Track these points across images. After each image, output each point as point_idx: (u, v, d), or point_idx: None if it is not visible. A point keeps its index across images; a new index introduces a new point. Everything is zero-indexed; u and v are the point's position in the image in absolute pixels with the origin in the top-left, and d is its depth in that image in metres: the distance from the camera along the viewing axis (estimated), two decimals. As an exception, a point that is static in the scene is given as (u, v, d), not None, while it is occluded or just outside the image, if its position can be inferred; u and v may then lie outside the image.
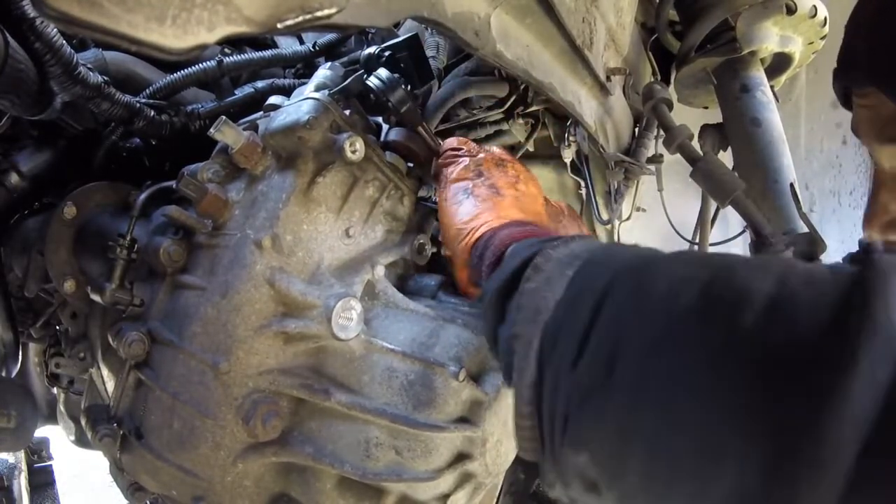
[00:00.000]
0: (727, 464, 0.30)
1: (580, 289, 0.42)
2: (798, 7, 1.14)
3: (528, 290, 0.45)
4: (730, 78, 1.23)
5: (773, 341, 0.30)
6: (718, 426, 0.30)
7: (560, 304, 0.42)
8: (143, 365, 0.65)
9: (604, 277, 0.41)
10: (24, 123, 0.92)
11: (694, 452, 0.31)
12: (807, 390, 0.28)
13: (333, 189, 0.62)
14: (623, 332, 0.37)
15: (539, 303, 0.43)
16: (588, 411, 0.38)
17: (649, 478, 0.34)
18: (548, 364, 0.41)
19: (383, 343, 0.59)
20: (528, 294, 0.45)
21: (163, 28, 0.32)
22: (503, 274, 0.49)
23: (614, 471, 0.37)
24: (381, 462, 0.58)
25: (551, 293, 0.43)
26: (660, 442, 0.33)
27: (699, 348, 0.33)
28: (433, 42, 0.92)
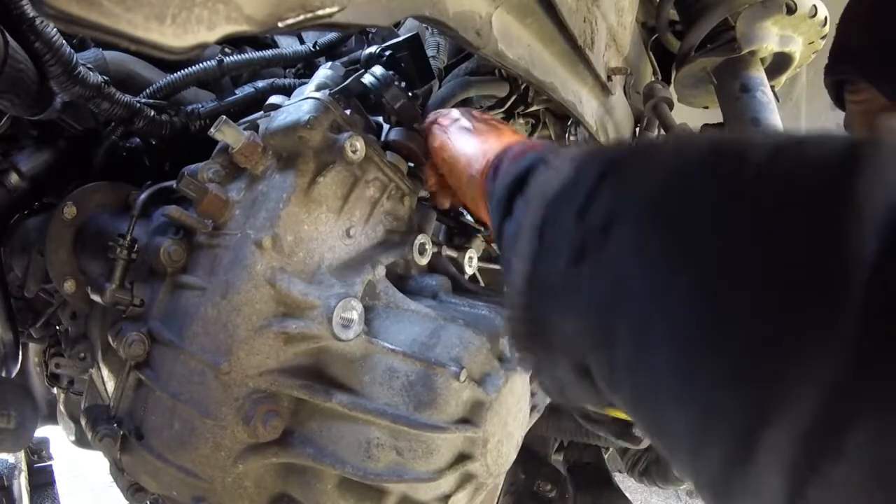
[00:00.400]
0: (734, 312, 0.26)
1: (583, 168, 0.40)
2: (798, 7, 1.14)
3: (536, 181, 0.44)
4: (730, 78, 1.23)
5: (779, 180, 0.27)
6: (722, 276, 0.27)
7: (562, 183, 0.40)
8: (144, 365, 0.65)
9: (608, 156, 0.40)
10: (24, 123, 0.92)
11: (695, 303, 0.28)
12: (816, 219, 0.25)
13: (334, 189, 0.62)
14: (623, 197, 0.35)
15: (545, 188, 0.42)
16: (581, 273, 0.36)
17: (640, 340, 0.31)
18: (547, 232, 0.40)
19: (384, 343, 0.59)
20: (535, 185, 0.44)
21: (163, 27, 0.32)
22: (513, 172, 0.49)
23: (603, 337, 0.34)
24: (381, 462, 0.57)
25: (557, 179, 0.41)
26: (657, 297, 0.30)
27: (701, 198, 0.30)
28: (433, 42, 0.92)
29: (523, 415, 0.70)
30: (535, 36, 0.71)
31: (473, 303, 0.71)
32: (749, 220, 0.28)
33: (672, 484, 1.61)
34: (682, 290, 0.29)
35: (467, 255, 0.80)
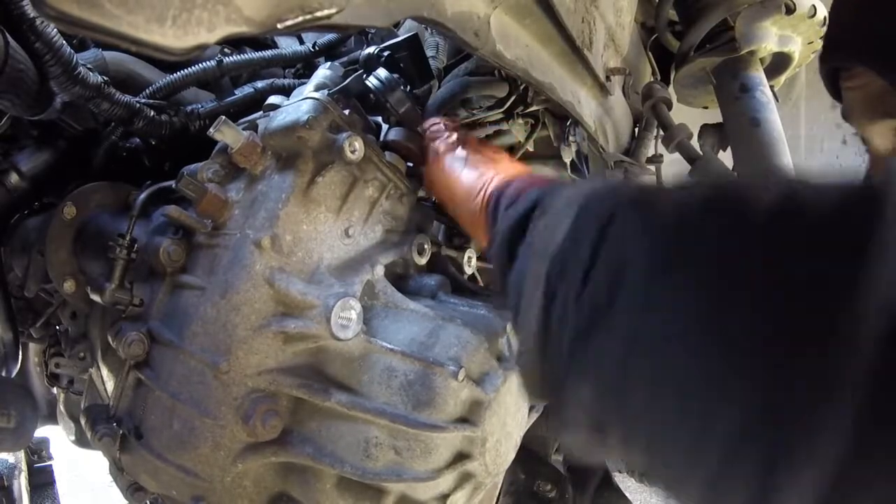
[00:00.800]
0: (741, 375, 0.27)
1: (585, 219, 0.41)
2: (797, 7, 1.14)
3: (537, 228, 0.45)
4: (729, 78, 1.23)
5: (782, 236, 0.27)
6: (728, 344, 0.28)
7: (566, 237, 0.41)
8: (143, 365, 0.65)
9: (608, 206, 0.40)
10: (24, 123, 0.92)
11: (703, 369, 0.29)
12: (824, 279, 0.25)
13: (333, 189, 0.62)
14: (626, 255, 0.35)
15: (547, 238, 0.43)
16: (592, 338, 0.36)
17: (654, 399, 0.32)
18: (555, 295, 0.40)
19: (383, 343, 0.59)
20: (536, 232, 0.45)
21: (163, 28, 0.32)
22: (512, 216, 0.50)
23: (619, 394, 0.35)
24: (380, 462, 0.58)
25: (559, 228, 0.42)
26: (666, 362, 0.31)
27: (704, 262, 0.30)
28: (433, 42, 0.92)
29: (522, 414, 0.70)
30: (534, 36, 0.71)
31: (472, 302, 0.71)
32: (758, 273, 0.28)
33: (671, 483, 1.61)
34: (694, 348, 0.29)
35: (466, 255, 0.80)
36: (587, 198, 0.43)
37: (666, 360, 0.31)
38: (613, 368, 0.34)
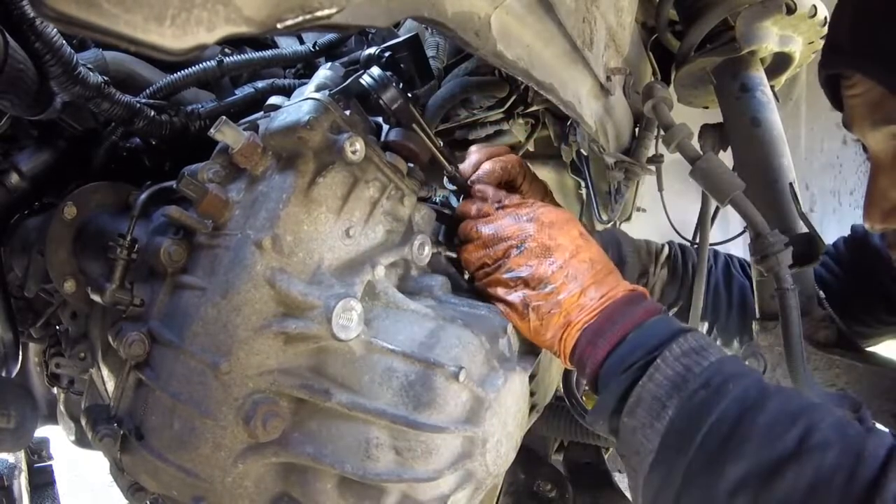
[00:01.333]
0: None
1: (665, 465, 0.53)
2: (798, 6, 1.14)
3: (642, 403, 0.56)
4: (729, 77, 1.23)
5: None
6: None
7: (651, 468, 0.54)
8: (144, 365, 0.65)
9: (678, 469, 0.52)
10: (24, 123, 0.92)
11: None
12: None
13: (334, 189, 0.62)
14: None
15: (640, 437, 0.56)
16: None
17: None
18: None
19: (383, 343, 0.59)
20: (640, 411, 0.56)
21: (162, 28, 0.32)
22: (616, 385, 0.59)
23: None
24: (381, 462, 0.58)
25: (649, 435, 0.55)
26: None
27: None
28: (433, 42, 0.92)
29: (522, 415, 0.70)
30: (535, 36, 0.71)
31: (473, 303, 0.71)
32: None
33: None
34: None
35: (467, 256, 0.80)
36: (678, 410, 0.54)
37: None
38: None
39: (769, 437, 0.48)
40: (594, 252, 0.69)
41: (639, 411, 0.56)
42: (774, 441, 0.47)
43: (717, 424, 0.50)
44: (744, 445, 0.48)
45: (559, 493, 1.51)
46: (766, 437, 0.48)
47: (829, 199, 2.39)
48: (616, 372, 0.59)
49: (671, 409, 0.53)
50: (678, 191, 1.49)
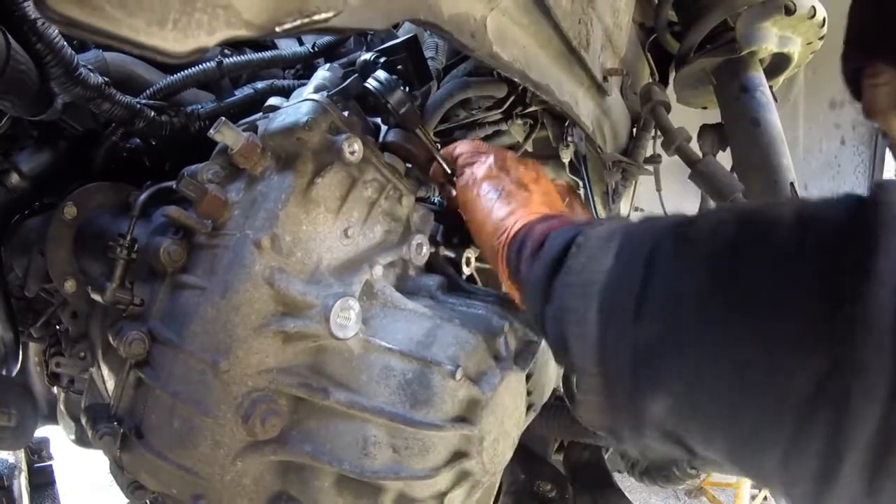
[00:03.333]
0: (802, 358, 0.33)
1: (628, 255, 0.45)
2: (797, 7, 1.14)
3: (574, 267, 0.49)
4: (729, 78, 1.23)
5: (808, 246, 0.34)
6: (788, 332, 0.34)
7: (611, 271, 0.46)
8: (144, 364, 0.66)
9: (648, 241, 0.45)
10: (24, 124, 0.92)
11: (773, 360, 0.35)
12: (844, 275, 0.32)
13: (332, 190, 0.62)
14: (678, 281, 0.41)
15: (587, 276, 0.47)
16: (661, 356, 0.41)
17: (737, 396, 0.37)
18: (609, 325, 0.45)
19: (381, 342, 0.60)
20: (574, 272, 0.49)
21: (163, 31, 0.32)
22: (546, 257, 0.53)
23: (698, 405, 0.40)
24: (378, 460, 0.58)
25: (598, 265, 0.47)
26: (740, 363, 0.36)
27: (750, 272, 0.37)
28: (432, 43, 0.92)
29: (519, 413, 0.70)
30: (531, 37, 0.72)
31: (470, 302, 0.71)
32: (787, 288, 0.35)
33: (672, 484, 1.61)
34: (750, 352, 0.36)
35: (465, 256, 0.81)
36: (625, 234, 0.47)
37: (731, 367, 0.37)
38: (684, 384, 0.40)
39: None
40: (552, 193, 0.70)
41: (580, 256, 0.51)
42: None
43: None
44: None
45: (559, 493, 1.52)
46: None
47: (828, 200, 2.38)
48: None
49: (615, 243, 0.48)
50: (676, 191, 1.50)
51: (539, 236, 0.58)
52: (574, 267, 0.49)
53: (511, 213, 0.64)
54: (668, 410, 0.41)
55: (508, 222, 0.63)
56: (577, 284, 0.48)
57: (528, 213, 0.63)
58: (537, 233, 0.59)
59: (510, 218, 0.64)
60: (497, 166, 0.69)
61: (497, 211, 0.65)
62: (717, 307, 0.38)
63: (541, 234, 0.58)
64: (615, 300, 0.44)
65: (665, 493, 4.30)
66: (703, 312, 0.38)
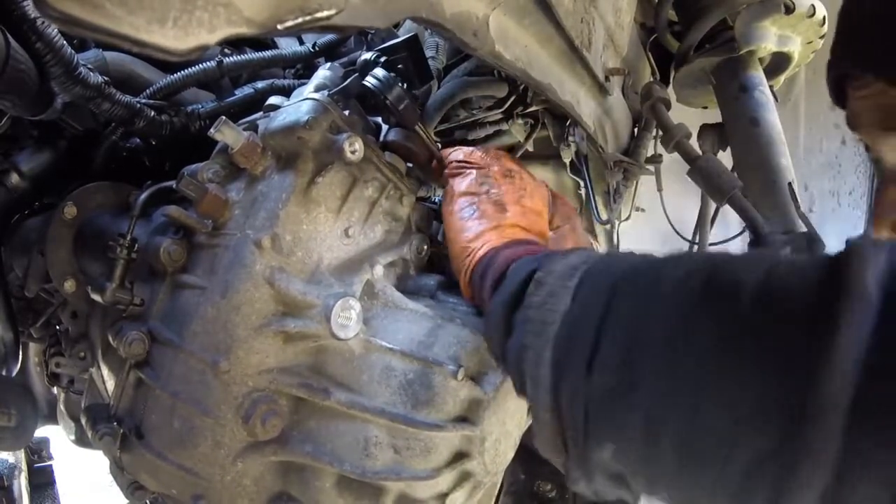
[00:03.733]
0: (748, 430, 0.33)
1: (585, 298, 0.45)
2: (796, 6, 1.14)
3: (534, 303, 0.48)
4: (729, 78, 1.23)
5: (770, 318, 0.34)
6: (738, 401, 0.34)
7: (567, 314, 0.45)
8: (144, 364, 0.65)
9: (606, 285, 0.44)
10: (24, 123, 0.92)
11: (719, 427, 0.35)
12: (802, 354, 0.32)
13: (333, 189, 0.62)
14: (636, 332, 0.40)
15: (545, 315, 0.46)
16: (612, 408, 0.41)
17: (680, 456, 0.37)
18: (563, 371, 0.44)
19: (382, 342, 0.60)
20: (533, 308, 0.48)
21: (164, 29, 0.32)
22: (507, 290, 0.52)
23: (644, 457, 0.40)
24: (379, 461, 0.58)
25: (556, 305, 0.46)
26: (685, 424, 0.37)
27: (709, 335, 0.36)
28: (432, 42, 0.92)
29: (521, 413, 0.70)
30: (533, 37, 0.71)
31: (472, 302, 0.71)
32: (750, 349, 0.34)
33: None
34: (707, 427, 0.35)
35: (466, 255, 0.80)
36: (585, 273, 0.46)
37: (679, 426, 0.37)
38: (632, 436, 0.40)
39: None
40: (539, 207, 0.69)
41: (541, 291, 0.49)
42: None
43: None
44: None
45: (559, 493, 1.51)
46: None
47: (828, 199, 2.39)
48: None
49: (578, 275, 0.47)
50: (677, 191, 1.50)
51: (502, 265, 0.57)
52: (533, 303, 0.48)
53: (479, 236, 0.63)
54: (614, 456, 0.41)
55: (475, 244, 0.62)
56: (535, 321, 0.47)
57: (498, 236, 0.62)
58: (500, 261, 0.58)
59: (478, 240, 0.63)
60: (478, 182, 0.68)
61: (467, 231, 0.64)
62: (671, 365, 0.38)
63: (504, 262, 0.57)
64: (570, 347, 0.44)
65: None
66: (656, 368, 0.38)
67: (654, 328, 0.39)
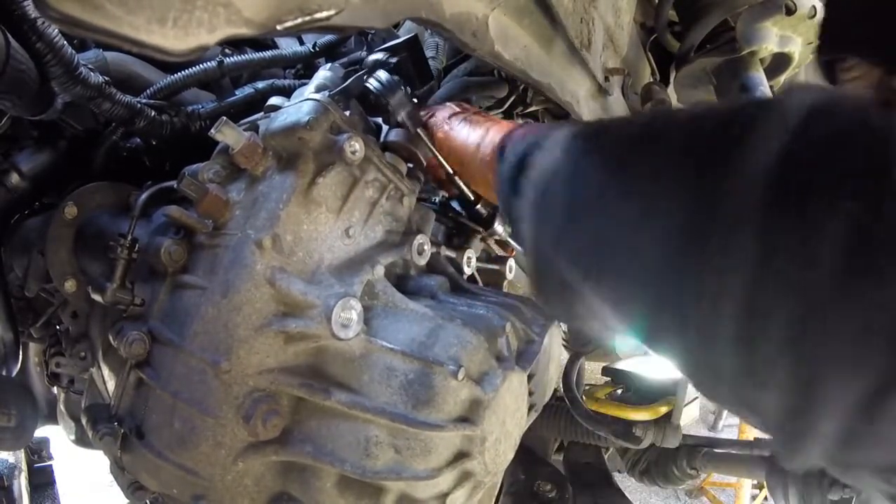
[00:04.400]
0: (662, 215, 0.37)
1: (569, 148, 0.50)
2: (797, 7, 1.14)
3: (535, 164, 0.53)
4: (729, 78, 1.23)
5: (694, 131, 0.38)
6: (658, 195, 0.37)
7: (552, 164, 0.50)
8: (144, 364, 0.65)
9: (586, 141, 0.49)
10: (24, 124, 0.92)
11: (641, 215, 0.38)
12: (717, 160, 0.34)
13: (333, 189, 0.62)
14: (583, 171, 0.46)
15: (544, 170, 0.52)
16: (571, 228, 0.46)
17: (610, 245, 0.42)
18: (539, 219, 0.50)
19: (383, 342, 0.60)
20: (535, 168, 0.53)
21: (164, 30, 0.32)
22: (512, 158, 0.58)
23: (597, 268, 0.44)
24: (380, 461, 0.58)
25: (549, 160, 0.51)
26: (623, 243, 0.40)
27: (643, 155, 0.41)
28: (433, 42, 0.92)
29: (521, 414, 0.70)
30: (533, 37, 0.72)
31: (472, 302, 0.71)
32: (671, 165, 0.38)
33: (672, 483, 1.61)
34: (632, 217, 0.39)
35: (466, 256, 0.81)
36: (571, 136, 0.50)
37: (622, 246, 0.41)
38: (589, 245, 0.44)
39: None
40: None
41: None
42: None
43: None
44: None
45: (559, 493, 1.52)
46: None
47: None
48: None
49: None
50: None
51: (516, 142, 0.61)
52: (535, 163, 0.53)
53: (486, 133, 0.67)
54: (567, 263, 0.46)
55: (487, 139, 0.66)
56: (534, 178, 0.52)
57: (499, 128, 0.66)
58: (515, 139, 0.62)
59: (487, 136, 0.67)
60: (457, 106, 0.74)
61: (472, 135, 0.68)
62: (612, 195, 0.42)
63: (521, 137, 0.62)
64: (547, 187, 0.49)
65: (665, 493, 4.30)
66: (600, 199, 0.43)
67: (597, 163, 0.45)
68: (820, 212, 0.29)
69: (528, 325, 0.73)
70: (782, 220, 0.30)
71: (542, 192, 0.50)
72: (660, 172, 0.38)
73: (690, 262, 0.34)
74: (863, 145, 0.30)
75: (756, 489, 4.02)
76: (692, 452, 1.48)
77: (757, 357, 0.31)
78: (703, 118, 0.39)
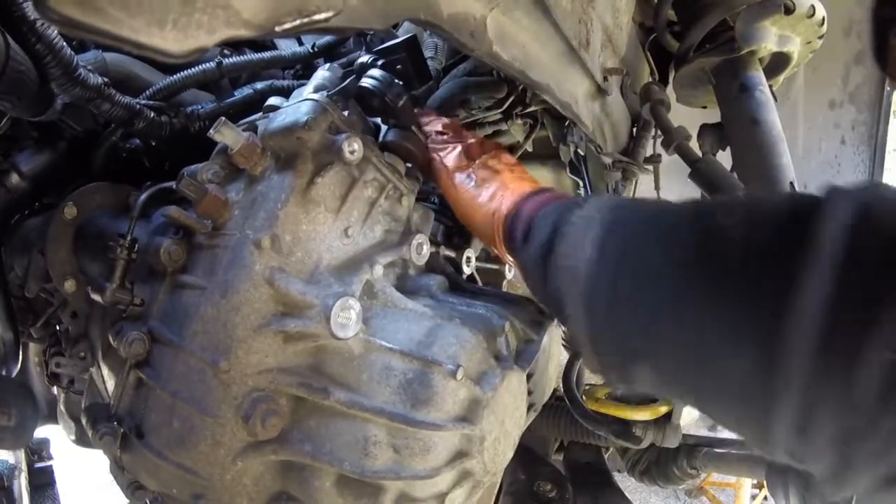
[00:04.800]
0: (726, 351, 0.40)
1: (603, 248, 0.53)
2: (796, 7, 1.14)
3: (561, 252, 0.56)
4: (728, 77, 1.23)
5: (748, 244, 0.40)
6: (717, 321, 0.41)
7: (589, 262, 0.52)
8: (144, 364, 0.66)
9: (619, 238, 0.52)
10: (24, 124, 0.92)
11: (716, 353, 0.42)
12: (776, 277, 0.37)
13: (332, 189, 0.62)
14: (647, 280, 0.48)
15: (573, 262, 0.54)
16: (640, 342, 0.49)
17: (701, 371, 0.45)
18: (594, 315, 0.52)
19: (382, 342, 0.60)
20: (562, 256, 0.56)
21: (163, 32, 0.32)
22: (537, 242, 0.60)
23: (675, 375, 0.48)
24: (379, 460, 0.58)
25: (579, 254, 0.53)
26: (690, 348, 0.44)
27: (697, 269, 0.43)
28: (431, 43, 0.92)
29: (520, 413, 0.70)
30: (531, 37, 0.72)
31: (471, 302, 0.71)
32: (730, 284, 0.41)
33: (672, 483, 1.62)
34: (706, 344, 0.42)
35: (465, 255, 0.81)
36: (601, 225, 0.53)
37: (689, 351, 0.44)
38: (668, 355, 0.47)
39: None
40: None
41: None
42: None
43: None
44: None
45: (559, 493, 1.52)
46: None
47: (828, 199, 2.38)
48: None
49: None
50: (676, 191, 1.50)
51: (526, 218, 0.64)
52: (561, 252, 0.56)
53: (493, 197, 0.69)
54: (655, 375, 0.49)
55: (494, 206, 0.68)
56: (565, 268, 0.55)
57: (509, 194, 0.68)
58: (524, 215, 0.65)
59: (494, 202, 0.69)
60: (463, 154, 0.74)
61: (480, 198, 0.70)
62: (680, 302, 0.45)
63: (527, 216, 0.64)
64: (596, 290, 0.51)
65: (665, 493, 4.30)
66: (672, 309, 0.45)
67: (663, 273, 0.46)
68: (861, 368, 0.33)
69: (527, 324, 0.73)
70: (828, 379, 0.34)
71: (590, 296, 0.52)
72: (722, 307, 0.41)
73: (759, 404, 0.39)
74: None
75: (756, 489, 4.02)
76: (692, 452, 1.48)
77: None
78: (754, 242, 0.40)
